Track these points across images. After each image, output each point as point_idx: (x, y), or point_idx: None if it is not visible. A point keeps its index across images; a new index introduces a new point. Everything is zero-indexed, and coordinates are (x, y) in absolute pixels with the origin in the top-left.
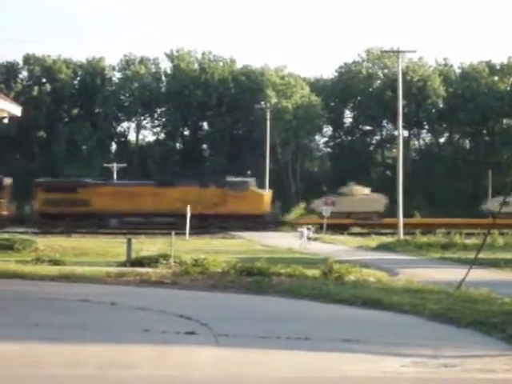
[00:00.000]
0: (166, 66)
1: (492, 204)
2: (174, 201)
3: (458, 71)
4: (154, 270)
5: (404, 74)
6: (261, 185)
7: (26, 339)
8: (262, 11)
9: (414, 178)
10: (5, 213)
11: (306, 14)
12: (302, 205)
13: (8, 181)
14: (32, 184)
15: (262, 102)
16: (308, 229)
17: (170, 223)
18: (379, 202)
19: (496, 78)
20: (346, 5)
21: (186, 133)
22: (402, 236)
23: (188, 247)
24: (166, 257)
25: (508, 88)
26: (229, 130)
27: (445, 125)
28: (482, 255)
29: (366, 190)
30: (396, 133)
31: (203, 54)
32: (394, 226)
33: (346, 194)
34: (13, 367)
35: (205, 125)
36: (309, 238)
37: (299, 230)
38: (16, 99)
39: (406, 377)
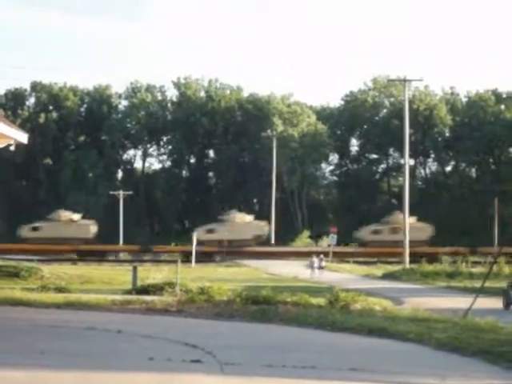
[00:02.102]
0: (172, 93)
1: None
2: None
3: (465, 100)
4: (160, 298)
5: (410, 103)
6: (267, 213)
7: (32, 366)
8: (269, 39)
9: (420, 206)
10: None
11: (312, 42)
12: (306, 233)
13: None
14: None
15: (269, 130)
16: (320, 259)
17: None
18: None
19: (502, 106)
20: (352, 34)
21: (192, 161)
22: (407, 265)
23: (194, 275)
24: (171, 285)
25: None
26: (235, 158)
27: (451, 153)
28: (488, 284)
29: (249, 218)
30: (402, 161)
31: (210, 81)
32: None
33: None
34: None
35: (211, 153)
36: (321, 268)
37: (310, 259)
38: (22, 126)
39: None
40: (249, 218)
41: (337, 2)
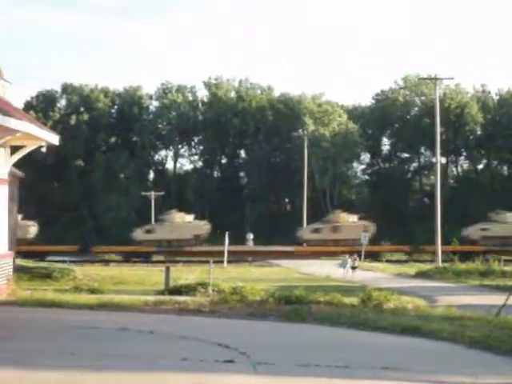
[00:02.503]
0: (202, 94)
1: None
2: None
3: (496, 98)
4: (193, 299)
5: (441, 101)
6: (299, 212)
7: (65, 368)
8: (300, 39)
9: (452, 204)
10: None
11: (343, 41)
12: None
13: None
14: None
15: (300, 130)
16: (354, 259)
17: None
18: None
19: None
20: (383, 32)
21: (224, 161)
22: (440, 263)
23: (226, 275)
24: (204, 285)
25: None
26: (266, 158)
27: (483, 151)
28: None
29: (189, 217)
30: (434, 160)
31: (240, 81)
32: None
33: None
34: None
35: (242, 153)
36: (354, 268)
37: (342, 258)
38: (54, 128)
39: None
40: (188, 217)
41: (368, 1)
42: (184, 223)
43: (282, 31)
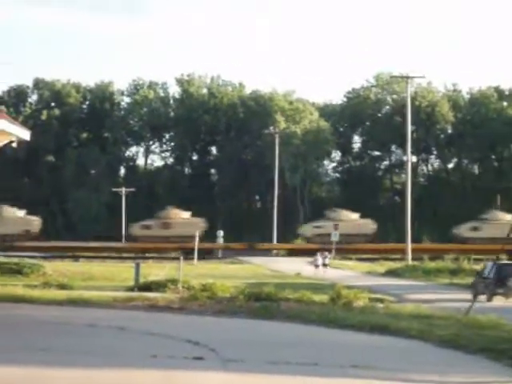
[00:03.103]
0: (174, 90)
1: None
2: None
3: (467, 97)
4: (162, 295)
5: (413, 100)
6: (270, 209)
7: (33, 363)
8: (271, 36)
9: (423, 203)
10: None
11: (315, 39)
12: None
13: None
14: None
15: (271, 127)
16: (325, 256)
17: None
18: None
19: (505, 103)
20: (354, 30)
21: (195, 157)
22: (410, 262)
23: (196, 272)
24: (174, 282)
25: None
26: (237, 155)
27: (453, 150)
28: None
29: (20, 213)
30: (405, 158)
31: (212, 78)
32: None
33: None
34: None
35: (213, 149)
36: (325, 265)
37: (314, 257)
38: (25, 123)
39: None
40: (20, 212)
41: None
42: (14, 218)
43: (253, 28)
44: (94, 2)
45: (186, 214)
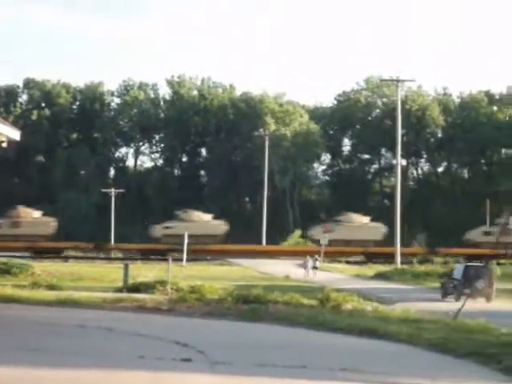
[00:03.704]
0: (165, 91)
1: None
2: None
3: (457, 101)
4: (151, 297)
5: (403, 103)
6: (259, 211)
7: (21, 364)
8: (262, 39)
9: (412, 207)
10: None
11: (305, 41)
12: (298, 232)
13: None
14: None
15: (261, 129)
16: (315, 259)
17: None
18: None
19: (495, 107)
20: (345, 34)
21: (185, 159)
22: (399, 265)
23: (185, 273)
24: (162, 283)
25: (507, 118)
26: (227, 157)
27: (443, 154)
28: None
29: None
30: (394, 162)
31: (203, 80)
32: None
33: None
34: None
35: (203, 151)
36: (315, 268)
37: (304, 260)
38: (15, 123)
39: None
40: (37, 213)
41: (331, 2)
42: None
43: (243, 30)
44: (84, 3)
45: (37, 213)
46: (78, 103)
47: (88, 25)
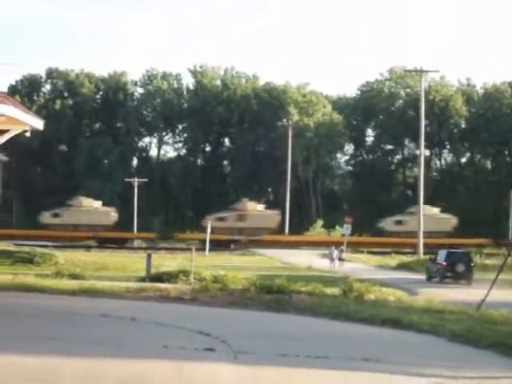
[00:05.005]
0: (188, 81)
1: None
2: None
3: (481, 91)
4: (174, 286)
5: (426, 94)
6: (281, 202)
7: (44, 353)
8: (286, 28)
9: (435, 197)
10: None
11: (329, 31)
12: (320, 222)
13: None
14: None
15: (284, 119)
16: (341, 250)
17: None
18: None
19: None
20: (369, 23)
21: (208, 149)
22: (422, 255)
23: (208, 263)
24: (185, 273)
25: None
26: (250, 147)
27: (466, 145)
28: (502, 276)
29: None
30: (418, 152)
31: (226, 70)
32: None
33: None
34: (28, 381)
35: (226, 141)
36: (341, 259)
37: (329, 250)
38: (38, 113)
39: None
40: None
41: None
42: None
43: (268, 20)
44: None
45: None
46: (101, 93)
47: (113, 18)
